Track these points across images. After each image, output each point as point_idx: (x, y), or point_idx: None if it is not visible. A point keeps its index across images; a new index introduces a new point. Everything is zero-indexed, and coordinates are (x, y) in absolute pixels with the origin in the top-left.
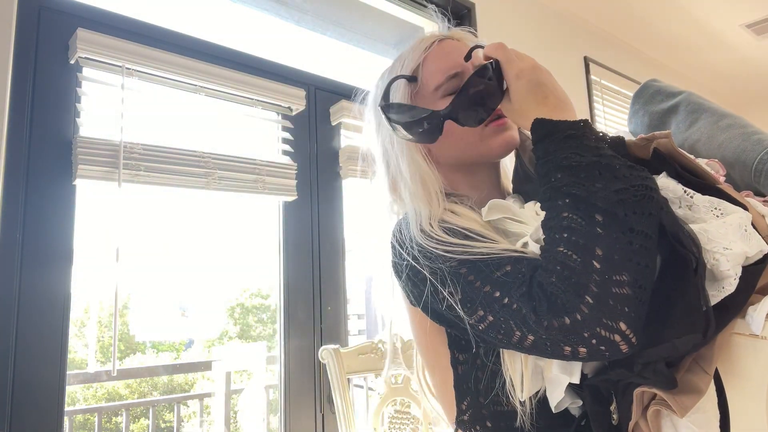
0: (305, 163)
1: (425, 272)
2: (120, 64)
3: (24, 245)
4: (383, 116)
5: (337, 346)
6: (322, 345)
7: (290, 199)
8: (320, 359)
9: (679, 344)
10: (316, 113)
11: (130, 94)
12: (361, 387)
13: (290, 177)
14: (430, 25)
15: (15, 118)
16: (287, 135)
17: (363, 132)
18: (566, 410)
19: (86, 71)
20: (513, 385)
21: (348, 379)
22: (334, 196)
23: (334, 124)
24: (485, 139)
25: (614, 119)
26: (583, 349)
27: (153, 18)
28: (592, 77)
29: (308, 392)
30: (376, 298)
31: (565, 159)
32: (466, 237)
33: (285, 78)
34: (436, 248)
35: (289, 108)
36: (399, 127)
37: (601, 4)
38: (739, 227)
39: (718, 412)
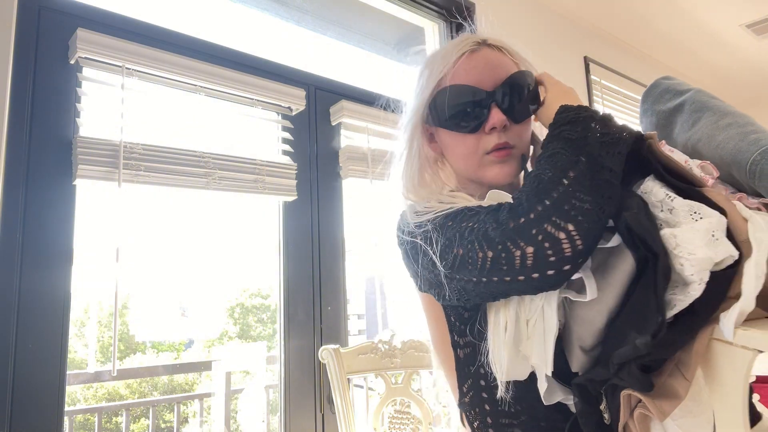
0: (305, 163)
1: (418, 240)
2: (120, 64)
3: (24, 245)
4: (429, 106)
5: (337, 346)
6: (322, 345)
7: (290, 199)
8: (320, 359)
9: (640, 345)
10: (316, 113)
11: (130, 94)
12: (361, 387)
13: (290, 177)
14: (430, 25)
15: (15, 118)
16: (287, 135)
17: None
18: (565, 407)
19: (86, 71)
20: (495, 367)
21: (348, 379)
22: (334, 196)
23: (334, 124)
24: (483, 167)
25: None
26: (530, 249)
27: (153, 18)
28: (592, 77)
29: (308, 392)
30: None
31: (572, 116)
32: None
33: (285, 78)
34: (427, 214)
35: (289, 108)
36: (444, 111)
37: (601, 4)
38: (706, 232)
39: (712, 417)
